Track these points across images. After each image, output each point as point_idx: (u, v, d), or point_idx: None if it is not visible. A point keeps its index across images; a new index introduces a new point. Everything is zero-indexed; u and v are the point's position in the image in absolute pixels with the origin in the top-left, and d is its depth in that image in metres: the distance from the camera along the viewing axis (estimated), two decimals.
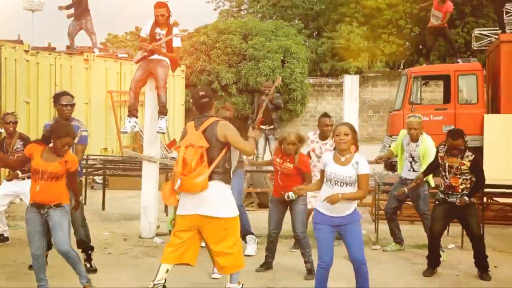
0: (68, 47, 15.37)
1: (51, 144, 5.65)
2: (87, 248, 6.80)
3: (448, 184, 6.77)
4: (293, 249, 7.87)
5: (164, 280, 5.47)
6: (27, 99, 12.74)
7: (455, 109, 13.00)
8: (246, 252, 7.46)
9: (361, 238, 5.59)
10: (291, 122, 23.54)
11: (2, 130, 8.06)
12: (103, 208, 10.75)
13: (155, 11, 8.48)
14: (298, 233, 6.83)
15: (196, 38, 21.49)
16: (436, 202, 6.99)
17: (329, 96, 25.32)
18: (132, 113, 8.72)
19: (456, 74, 13.16)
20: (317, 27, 30.05)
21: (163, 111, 8.53)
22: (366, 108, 25.26)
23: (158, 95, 8.49)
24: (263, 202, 10.70)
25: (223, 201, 5.47)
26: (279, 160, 6.80)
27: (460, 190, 6.72)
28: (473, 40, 16.64)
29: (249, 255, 7.36)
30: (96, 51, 15.83)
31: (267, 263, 6.97)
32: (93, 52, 15.55)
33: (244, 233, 7.58)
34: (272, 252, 6.97)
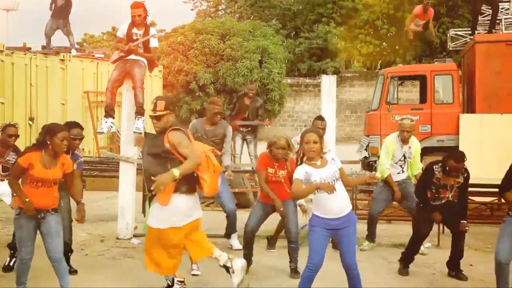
0: (44, 47, 15.22)
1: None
2: (67, 251, 6.74)
3: (437, 196, 6.80)
4: (271, 249, 7.89)
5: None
6: (2, 100, 12.62)
7: (431, 109, 13.11)
8: (235, 247, 7.77)
9: (355, 244, 5.60)
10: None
11: None
12: None
13: (132, 11, 8.43)
14: (292, 234, 6.77)
15: (174, 38, 21.42)
16: (421, 205, 6.99)
17: (307, 96, 25.44)
18: (109, 114, 8.66)
19: (432, 74, 13.27)
20: (295, 27, 30.15)
21: (141, 112, 8.48)
22: (344, 108, 25.41)
23: (135, 95, 8.45)
24: (241, 202, 10.69)
25: None
26: (272, 170, 6.75)
27: (446, 197, 6.78)
28: (449, 41, 16.83)
29: (239, 249, 7.52)
30: (73, 52, 15.71)
31: (247, 261, 6.88)
32: (69, 52, 15.43)
33: (231, 233, 7.90)
34: (250, 250, 6.92)
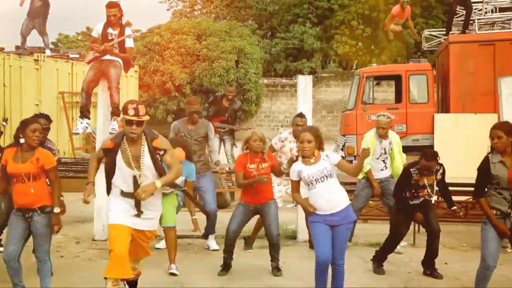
0: (18, 48, 15.03)
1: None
2: None
3: (416, 195, 6.86)
4: (248, 250, 7.89)
5: None
6: None
7: (407, 109, 13.24)
8: (212, 248, 7.86)
9: (347, 241, 5.70)
10: (246, 123, 23.55)
11: None
12: None
13: (107, 11, 8.38)
14: (274, 236, 6.75)
15: (149, 39, 21.30)
16: (399, 206, 7.05)
17: (284, 97, 25.46)
18: (84, 114, 8.61)
19: (407, 74, 13.40)
20: (271, 28, 30.16)
21: (116, 112, 8.43)
22: (320, 108, 25.49)
23: (111, 96, 8.40)
24: (219, 203, 10.67)
25: None
26: (253, 166, 6.73)
27: (422, 196, 6.85)
28: (423, 41, 16.99)
29: (216, 250, 7.64)
30: (48, 52, 15.55)
31: (227, 265, 6.88)
32: (44, 53, 15.26)
33: (209, 233, 7.96)
34: (231, 254, 6.87)
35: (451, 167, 12.01)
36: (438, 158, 6.79)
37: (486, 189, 5.59)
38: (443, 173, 6.86)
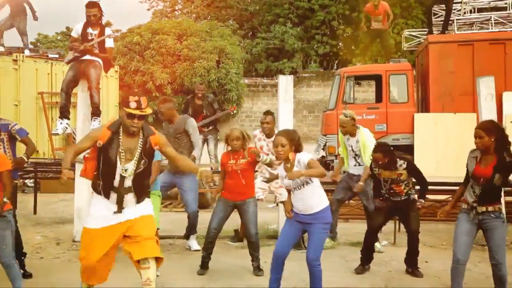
0: None
1: None
2: (19, 254, 6.60)
3: (393, 191, 6.91)
4: (231, 242, 7.98)
5: None
6: None
7: (387, 108, 13.30)
8: (194, 248, 7.81)
9: (322, 241, 5.71)
10: (228, 123, 23.56)
11: None
12: (35, 212, 10.49)
13: (87, 11, 8.33)
14: (252, 234, 6.80)
15: (130, 39, 21.22)
16: (381, 199, 7.11)
17: (265, 96, 25.51)
18: (64, 115, 8.55)
19: (387, 74, 13.46)
20: (252, 28, 30.21)
21: (97, 112, 8.40)
22: (301, 108, 25.57)
23: (91, 96, 8.35)
24: (200, 203, 10.65)
25: None
26: (232, 161, 6.79)
27: (405, 193, 6.90)
28: (403, 41, 17.10)
29: (197, 250, 7.59)
30: (27, 52, 15.42)
31: (205, 264, 6.91)
32: (23, 53, 15.14)
33: (191, 234, 7.93)
34: (210, 253, 6.91)
35: (431, 166, 12.17)
36: (388, 150, 6.80)
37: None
38: (409, 166, 6.85)
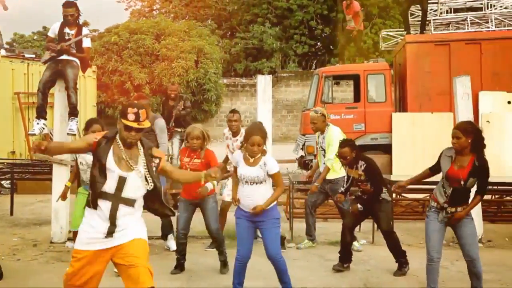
0: None
1: None
2: None
3: (362, 190, 6.99)
4: (209, 248, 7.90)
5: None
6: None
7: (365, 108, 13.37)
8: (173, 248, 7.68)
9: (277, 235, 5.77)
10: (206, 122, 23.50)
11: None
12: (11, 213, 10.38)
13: (64, 11, 8.29)
14: (212, 229, 6.89)
15: (107, 38, 21.06)
16: (353, 197, 7.18)
17: (244, 96, 25.52)
18: (41, 115, 8.49)
19: (365, 74, 13.53)
20: (230, 28, 30.20)
21: (74, 113, 8.37)
22: (280, 108, 25.61)
23: (68, 96, 8.31)
24: (177, 203, 10.64)
25: None
26: (187, 159, 6.83)
27: (367, 191, 6.96)
28: (381, 41, 17.20)
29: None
30: (3, 52, 15.25)
31: (180, 265, 6.93)
32: None
33: (167, 233, 7.92)
34: (183, 254, 6.93)
35: (409, 165, 12.25)
36: (354, 146, 6.87)
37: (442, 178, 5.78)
38: (367, 169, 6.88)
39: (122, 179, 4.55)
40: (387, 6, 28.12)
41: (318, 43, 29.93)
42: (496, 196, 10.61)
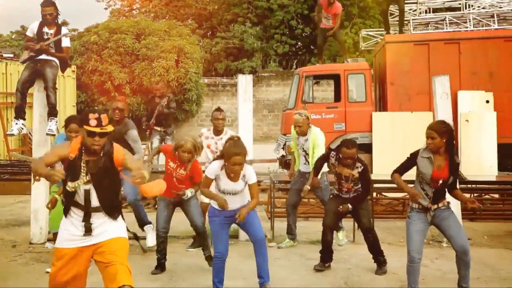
0: None
1: None
2: None
3: (341, 188, 7.02)
4: (190, 248, 7.88)
5: None
6: None
7: (345, 107, 13.42)
8: (149, 244, 7.63)
9: (258, 219, 5.95)
10: (187, 122, 23.49)
11: None
12: None
13: (43, 10, 8.22)
14: (198, 224, 6.87)
15: (87, 38, 20.97)
16: (331, 196, 7.23)
17: (224, 96, 25.49)
18: (20, 115, 8.41)
19: (346, 74, 13.58)
20: (211, 27, 30.15)
21: (53, 113, 8.30)
22: (261, 108, 25.62)
23: (47, 96, 8.24)
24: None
25: None
26: (173, 165, 6.77)
27: (354, 191, 7.01)
28: (361, 41, 17.28)
29: (151, 247, 7.46)
30: None
31: (161, 265, 6.90)
32: None
33: (143, 224, 7.79)
34: (164, 254, 6.91)
35: (389, 164, 12.26)
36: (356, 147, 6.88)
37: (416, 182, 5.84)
38: (363, 172, 6.94)
39: (87, 192, 4.65)
40: (367, 6, 28.27)
41: (299, 43, 29.98)
42: (475, 195, 10.70)
